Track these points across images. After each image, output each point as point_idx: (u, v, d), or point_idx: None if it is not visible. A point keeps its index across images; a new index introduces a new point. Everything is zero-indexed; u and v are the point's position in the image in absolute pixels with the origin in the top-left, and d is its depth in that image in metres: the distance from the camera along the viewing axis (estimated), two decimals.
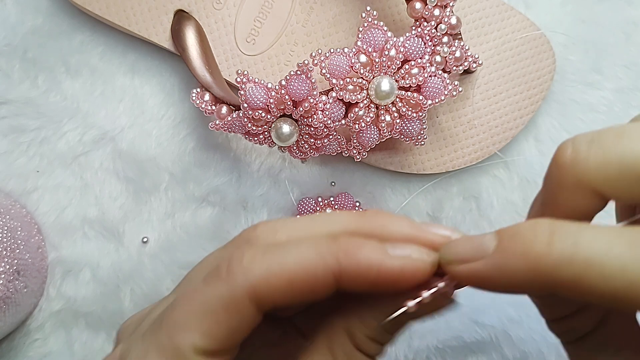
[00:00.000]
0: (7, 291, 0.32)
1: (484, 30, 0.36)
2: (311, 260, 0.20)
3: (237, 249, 0.21)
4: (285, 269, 0.20)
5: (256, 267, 0.20)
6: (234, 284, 0.20)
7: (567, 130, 0.37)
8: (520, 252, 0.18)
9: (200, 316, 0.20)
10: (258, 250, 0.21)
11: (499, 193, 0.37)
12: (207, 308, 0.20)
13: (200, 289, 0.21)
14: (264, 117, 0.32)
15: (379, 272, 0.20)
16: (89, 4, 0.36)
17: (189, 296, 0.21)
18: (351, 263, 0.20)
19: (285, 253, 0.20)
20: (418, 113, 0.32)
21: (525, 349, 0.36)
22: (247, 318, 0.20)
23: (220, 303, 0.20)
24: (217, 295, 0.20)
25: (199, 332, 0.20)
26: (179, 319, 0.20)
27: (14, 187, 0.37)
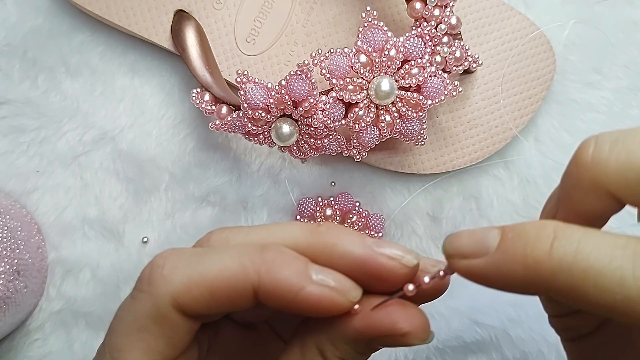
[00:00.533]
0: (7, 291, 0.32)
1: (484, 30, 0.36)
2: (232, 271, 0.19)
3: (159, 255, 0.21)
4: (206, 278, 0.19)
5: (176, 276, 0.20)
6: (156, 295, 0.20)
7: (567, 130, 0.37)
8: (520, 254, 0.18)
9: (135, 334, 0.20)
10: (181, 257, 0.20)
11: (499, 193, 0.37)
12: (139, 325, 0.20)
13: (129, 306, 0.20)
14: (264, 117, 0.32)
15: (296, 296, 0.19)
16: (89, 4, 0.36)
17: (120, 315, 0.21)
18: (271, 281, 0.19)
19: (208, 261, 0.20)
20: (418, 113, 0.32)
21: (525, 349, 0.35)
22: (180, 327, 0.20)
23: (148, 317, 0.20)
24: (143, 309, 0.20)
25: (139, 350, 0.20)
26: (117, 342, 0.20)
27: (14, 187, 0.37)
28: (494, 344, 0.36)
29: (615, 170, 0.18)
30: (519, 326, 0.36)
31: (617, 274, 0.16)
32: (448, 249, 0.19)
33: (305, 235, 0.21)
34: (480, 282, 0.19)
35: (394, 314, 0.20)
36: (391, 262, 0.20)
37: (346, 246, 0.20)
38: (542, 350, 0.35)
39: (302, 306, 0.19)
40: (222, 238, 0.22)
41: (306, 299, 0.19)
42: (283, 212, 0.38)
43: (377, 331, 0.20)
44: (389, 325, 0.20)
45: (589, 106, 0.37)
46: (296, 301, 0.19)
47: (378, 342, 0.20)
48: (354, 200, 0.37)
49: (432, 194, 0.37)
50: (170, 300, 0.19)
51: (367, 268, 0.20)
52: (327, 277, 0.20)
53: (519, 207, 0.37)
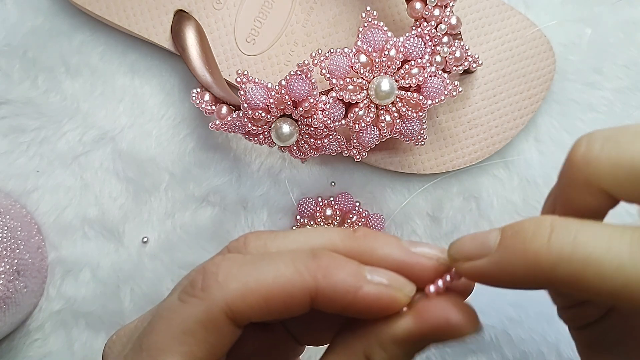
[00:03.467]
0: (7, 291, 0.32)
1: (484, 30, 0.36)
2: (289, 277, 0.20)
3: (212, 262, 0.21)
4: (263, 285, 0.19)
5: (232, 283, 0.20)
6: (210, 301, 0.20)
7: (567, 131, 0.37)
8: (520, 250, 0.18)
9: (179, 337, 0.20)
10: (234, 264, 0.20)
11: (499, 193, 0.37)
12: (185, 328, 0.20)
13: (176, 308, 0.20)
14: (264, 117, 0.32)
15: (355, 297, 0.20)
16: (89, 4, 0.36)
17: (166, 315, 0.20)
18: (328, 284, 0.19)
19: (263, 268, 0.20)
20: (418, 113, 0.32)
21: (525, 349, 0.36)
22: (226, 334, 0.20)
23: (198, 322, 0.20)
24: (193, 313, 0.20)
25: (180, 354, 0.19)
26: (158, 342, 0.20)
27: (14, 187, 0.37)
28: (494, 344, 0.36)
29: (606, 167, 0.18)
30: (519, 326, 0.36)
31: (615, 260, 0.16)
32: (452, 253, 0.20)
33: (343, 241, 0.21)
34: (485, 282, 0.19)
35: (445, 309, 0.20)
36: (430, 262, 0.21)
37: (385, 249, 0.21)
38: (542, 350, 0.35)
39: (361, 306, 0.20)
40: (260, 245, 0.22)
41: (365, 299, 0.20)
42: (283, 212, 0.38)
43: (430, 328, 0.20)
44: (442, 321, 0.20)
45: (589, 106, 0.37)
46: (355, 302, 0.20)
47: (430, 339, 0.20)
48: (354, 200, 0.37)
49: (432, 194, 0.37)
50: (224, 307, 0.19)
51: (406, 269, 0.21)
52: (381, 276, 0.20)
53: (519, 207, 0.37)
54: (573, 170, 0.19)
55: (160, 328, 0.20)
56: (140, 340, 0.20)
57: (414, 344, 0.20)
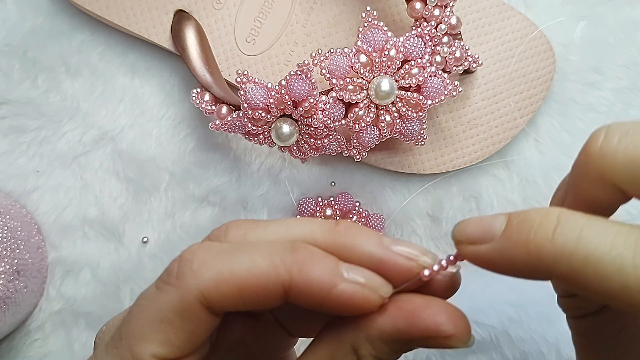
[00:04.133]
0: (7, 291, 0.32)
1: (484, 30, 0.36)
2: (263, 269, 0.19)
3: (188, 250, 0.21)
4: (237, 275, 0.19)
5: (206, 272, 0.20)
6: (184, 289, 0.19)
7: (567, 130, 0.37)
8: (523, 240, 0.18)
9: (156, 325, 0.20)
10: (209, 253, 0.20)
11: (499, 193, 0.37)
12: (162, 316, 0.20)
13: (152, 296, 0.20)
14: (264, 117, 0.32)
15: (328, 294, 0.19)
16: (89, 4, 0.36)
17: (143, 304, 0.20)
18: (303, 279, 0.19)
19: (238, 258, 0.20)
20: (418, 113, 0.32)
21: (525, 349, 0.35)
22: (203, 322, 0.20)
23: (173, 310, 0.19)
24: (168, 302, 0.20)
25: (157, 342, 0.19)
26: (135, 330, 0.20)
27: (14, 187, 0.37)
28: (494, 344, 0.36)
29: (622, 163, 0.18)
30: (519, 326, 0.36)
31: (616, 262, 0.16)
32: (457, 235, 0.20)
33: (323, 234, 0.21)
34: (486, 267, 0.19)
35: (438, 315, 0.20)
36: (409, 263, 0.20)
37: (364, 246, 0.20)
38: (542, 350, 0.35)
39: (334, 304, 0.20)
40: (240, 234, 0.21)
41: (338, 297, 0.19)
42: (283, 212, 0.38)
43: (420, 332, 0.20)
44: (433, 327, 0.20)
45: (589, 106, 0.37)
46: (328, 299, 0.19)
47: (418, 343, 0.20)
48: (354, 200, 0.37)
49: (432, 194, 0.37)
50: (198, 296, 0.19)
51: (384, 268, 0.20)
52: (358, 275, 0.20)
53: (519, 207, 0.37)
54: (588, 162, 0.19)
55: (137, 316, 0.20)
56: (119, 329, 0.21)
57: (402, 344, 0.20)
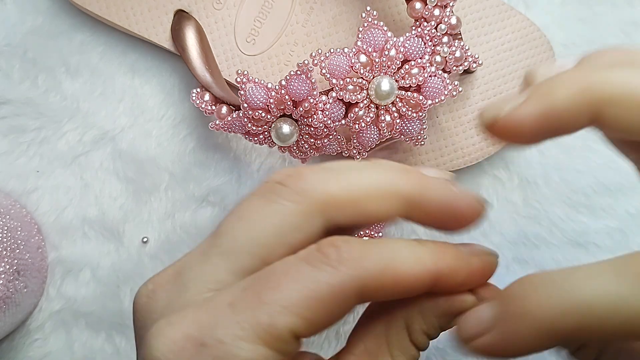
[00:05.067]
0: (7, 291, 0.32)
1: (484, 30, 0.36)
2: (419, 268, 0.20)
3: (341, 240, 0.20)
4: (399, 272, 0.20)
5: (370, 263, 0.19)
6: (346, 274, 0.19)
7: None
8: (519, 316, 0.18)
9: (307, 301, 0.19)
10: (366, 242, 0.20)
11: (499, 193, 0.37)
12: (315, 294, 0.19)
13: (305, 271, 0.19)
14: (264, 117, 0.32)
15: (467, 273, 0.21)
16: (89, 4, 0.36)
17: (293, 276, 0.19)
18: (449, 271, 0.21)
19: (395, 253, 0.20)
20: (418, 113, 0.32)
21: None
22: (348, 308, 0.20)
23: (329, 291, 0.19)
24: (326, 282, 0.19)
25: (302, 318, 0.18)
26: (283, 300, 0.18)
27: (14, 187, 0.37)
28: None
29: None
30: None
31: (610, 300, 0.17)
32: (461, 335, 0.20)
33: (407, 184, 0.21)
34: (501, 355, 0.19)
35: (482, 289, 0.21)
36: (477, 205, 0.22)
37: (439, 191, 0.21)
38: None
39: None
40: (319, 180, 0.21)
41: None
42: None
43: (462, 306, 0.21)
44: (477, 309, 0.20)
45: None
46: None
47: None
48: None
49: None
50: (357, 285, 0.19)
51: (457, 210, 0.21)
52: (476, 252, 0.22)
53: (519, 207, 0.37)
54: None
55: (288, 287, 0.19)
56: (256, 291, 0.19)
57: (450, 317, 0.21)
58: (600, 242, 0.37)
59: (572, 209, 0.37)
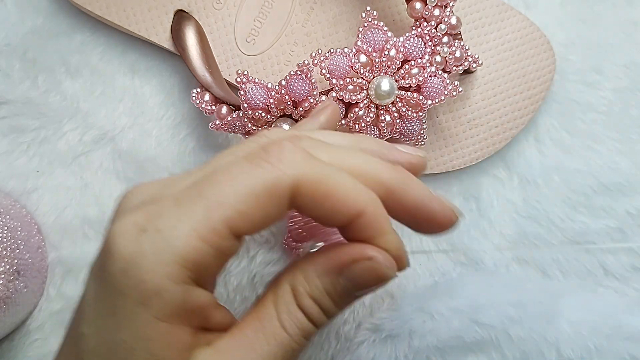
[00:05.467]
0: (7, 291, 0.32)
1: (484, 30, 0.36)
2: (353, 197, 0.21)
3: (289, 139, 0.21)
4: (334, 188, 0.21)
5: (309, 169, 0.20)
6: (283, 171, 0.20)
7: (567, 130, 0.37)
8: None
9: (243, 196, 0.19)
10: (312, 154, 0.21)
11: (499, 193, 0.37)
12: (251, 190, 0.20)
13: (244, 168, 0.20)
14: (264, 117, 0.32)
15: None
16: (89, 4, 0.36)
17: (232, 172, 0.20)
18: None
19: (337, 173, 0.21)
20: (418, 113, 0.32)
21: (525, 349, 0.35)
22: (280, 209, 0.20)
23: (265, 187, 0.20)
24: (263, 178, 0.20)
25: (237, 212, 0.19)
26: (219, 193, 0.20)
27: (14, 187, 0.37)
28: (494, 344, 0.36)
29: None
30: (519, 326, 0.36)
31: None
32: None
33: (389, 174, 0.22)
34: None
35: (363, 250, 0.22)
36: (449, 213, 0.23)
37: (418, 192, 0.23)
38: (542, 350, 0.35)
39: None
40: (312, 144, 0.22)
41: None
42: None
43: (348, 257, 0.21)
44: (358, 253, 0.21)
45: (589, 106, 0.37)
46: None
47: (348, 274, 0.22)
48: None
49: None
50: (291, 183, 0.20)
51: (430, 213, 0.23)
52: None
53: (519, 207, 0.37)
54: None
55: (224, 182, 0.20)
56: (198, 188, 0.20)
57: (332, 278, 0.22)
58: (600, 242, 0.37)
59: (572, 209, 0.37)
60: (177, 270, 0.19)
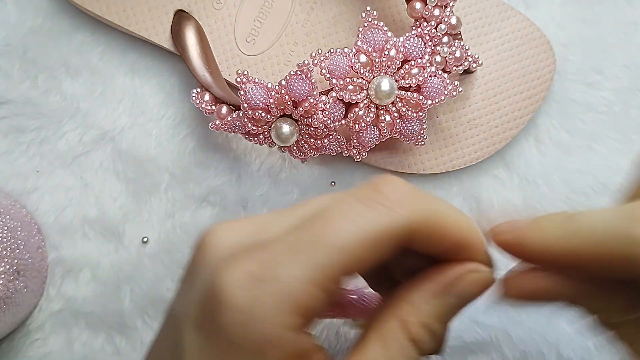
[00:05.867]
0: (7, 291, 0.32)
1: (484, 30, 0.36)
2: (464, 223, 0.21)
3: (396, 179, 0.21)
4: (446, 221, 0.21)
5: (423, 206, 0.20)
6: (398, 213, 0.19)
7: (567, 130, 0.37)
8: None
9: (361, 241, 0.19)
10: (416, 188, 0.21)
11: (499, 193, 0.37)
12: (368, 235, 0.19)
13: (359, 210, 0.19)
14: (264, 117, 0.32)
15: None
16: (89, 4, 0.36)
17: (346, 216, 0.19)
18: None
19: (444, 204, 0.22)
20: (418, 113, 0.32)
21: (525, 349, 0.35)
22: (396, 249, 0.20)
23: (382, 231, 0.19)
24: (379, 222, 0.19)
25: (355, 258, 0.19)
26: (337, 240, 0.19)
27: (14, 187, 0.37)
28: (494, 344, 0.36)
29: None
30: (519, 326, 0.36)
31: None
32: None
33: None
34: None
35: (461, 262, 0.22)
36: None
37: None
38: (542, 350, 0.35)
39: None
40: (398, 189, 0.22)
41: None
42: None
43: (451, 275, 0.22)
44: (461, 269, 0.22)
45: (589, 106, 0.37)
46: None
47: (457, 291, 0.22)
48: None
49: (432, 194, 0.37)
50: (408, 223, 0.20)
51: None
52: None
53: (519, 207, 0.37)
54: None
55: (339, 225, 0.19)
56: (311, 232, 0.19)
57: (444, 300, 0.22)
58: None
59: (572, 209, 0.37)
60: (294, 319, 0.19)
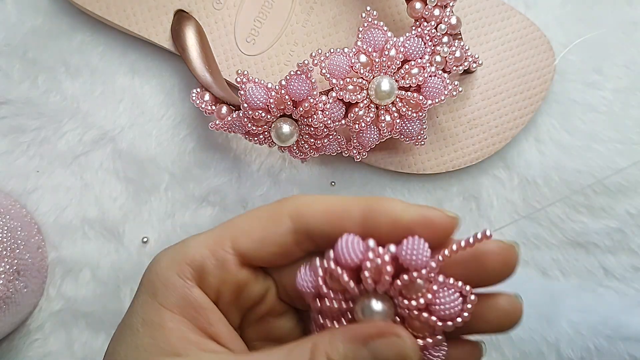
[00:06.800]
0: (7, 291, 0.32)
1: (484, 30, 0.36)
2: (347, 202, 0.23)
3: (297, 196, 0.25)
4: (327, 202, 0.23)
5: (303, 198, 0.24)
6: (282, 203, 0.24)
7: (567, 130, 0.37)
8: None
9: (249, 220, 0.24)
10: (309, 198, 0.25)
11: (499, 193, 0.37)
12: (256, 215, 0.24)
13: (256, 208, 0.25)
14: (264, 117, 0.32)
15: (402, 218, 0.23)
16: (89, 4, 0.36)
17: (248, 212, 0.25)
18: (380, 206, 0.23)
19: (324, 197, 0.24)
20: (418, 113, 0.32)
21: (525, 349, 0.35)
22: (283, 228, 0.23)
23: (267, 210, 0.24)
24: (267, 207, 0.24)
25: (241, 230, 0.24)
26: (233, 221, 0.24)
27: (14, 187, 0.37)
28: (494, 344, 0.36)
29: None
30: (519, 326, 0.36)
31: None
32: None
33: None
34: None
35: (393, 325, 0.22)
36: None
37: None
38: (542, 350, 0.35)
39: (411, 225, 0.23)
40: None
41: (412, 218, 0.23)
42: None
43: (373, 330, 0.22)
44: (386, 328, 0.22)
45: (589, 106, 0.37)
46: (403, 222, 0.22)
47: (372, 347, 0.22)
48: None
49: (432, 194, 0.37)
50: (291, 209, 0.23)
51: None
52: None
53: (519, 207, 0.37)
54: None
55: (241, 216, 0.24)
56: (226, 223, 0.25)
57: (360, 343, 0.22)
58: (600, 242, 0.37)
59: (572, 209, 0.37)
60: (183, 268, 0.23)
